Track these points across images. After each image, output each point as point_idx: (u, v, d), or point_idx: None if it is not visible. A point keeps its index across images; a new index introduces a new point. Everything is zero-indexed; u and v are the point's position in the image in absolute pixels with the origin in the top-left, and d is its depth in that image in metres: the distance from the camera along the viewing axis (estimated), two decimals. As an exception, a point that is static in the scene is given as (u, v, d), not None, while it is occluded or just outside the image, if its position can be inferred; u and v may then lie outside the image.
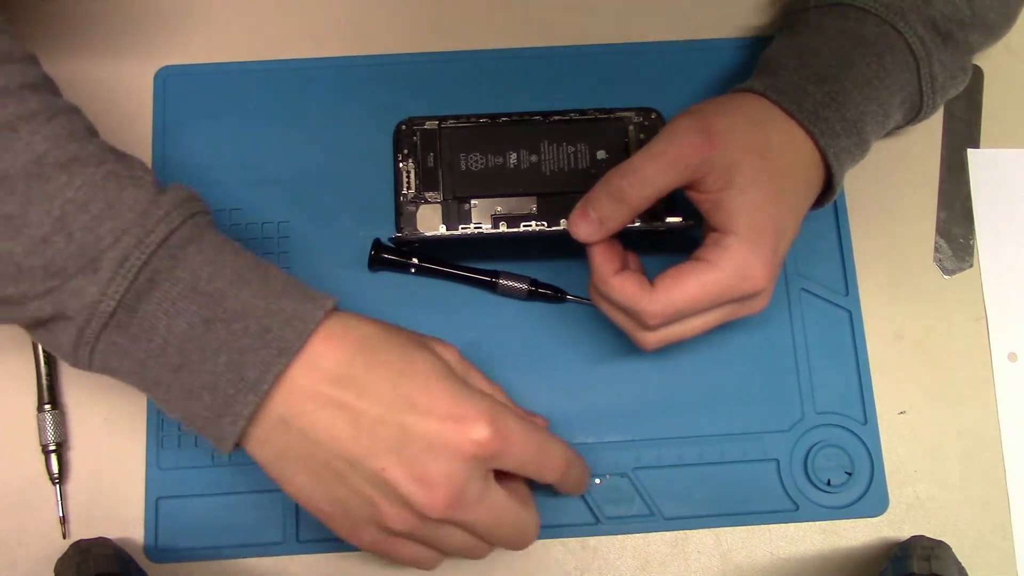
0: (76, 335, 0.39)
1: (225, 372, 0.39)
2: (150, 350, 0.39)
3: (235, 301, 0.39)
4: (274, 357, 0.39)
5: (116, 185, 0.39)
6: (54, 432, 0.51)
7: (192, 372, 0.39)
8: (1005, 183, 0.57)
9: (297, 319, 0.40)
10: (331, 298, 0.41)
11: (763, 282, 0.44)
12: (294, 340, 0.39)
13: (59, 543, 0.51)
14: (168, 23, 0.58)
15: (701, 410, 0.53)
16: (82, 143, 0.39)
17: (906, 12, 0.48)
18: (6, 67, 0.39)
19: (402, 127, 0.54)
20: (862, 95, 0.47)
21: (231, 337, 0.39)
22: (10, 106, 0.38)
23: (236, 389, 0.39)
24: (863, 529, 0.52)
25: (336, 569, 0.51)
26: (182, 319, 0.39)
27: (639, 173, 0.44)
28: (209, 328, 0.39)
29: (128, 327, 0.39)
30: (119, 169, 0.40)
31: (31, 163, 0.38)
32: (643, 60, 0.58)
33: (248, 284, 0.40)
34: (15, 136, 0.38)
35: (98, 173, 0.39)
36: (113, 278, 0.38)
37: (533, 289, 0.53)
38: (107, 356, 0.40)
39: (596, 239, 0.45)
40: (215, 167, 0.55)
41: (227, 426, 0.39)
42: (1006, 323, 0.55)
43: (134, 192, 0.39)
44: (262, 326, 0.39)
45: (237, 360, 0.39)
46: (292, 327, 0.39)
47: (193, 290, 0.39)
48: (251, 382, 0.39)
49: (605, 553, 0.51)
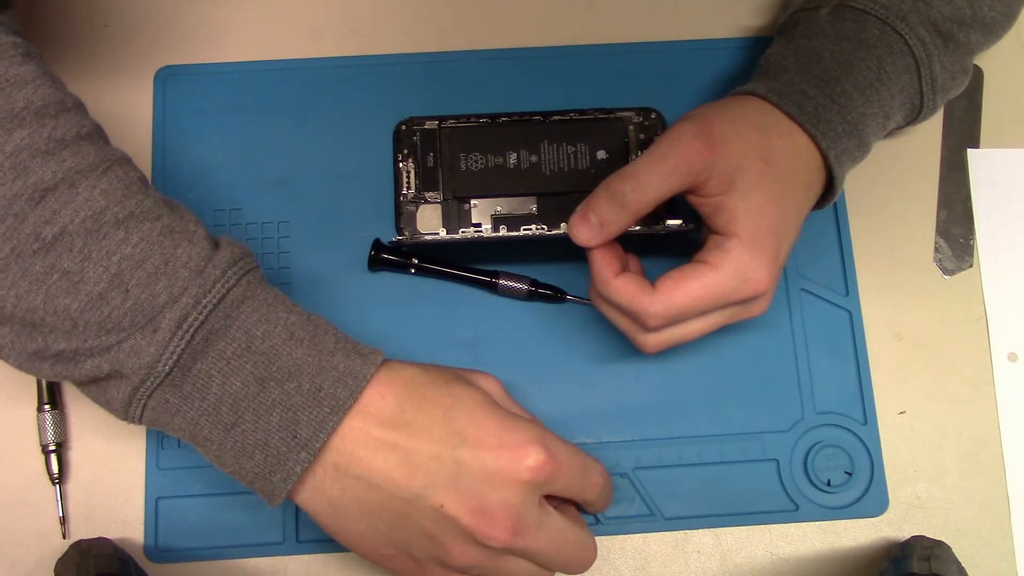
0: (130, 393, 0.39)
1: (278, 431, 0.39)
2: (203, 408, 0.39)
3: (288, 360, 0.40)
4: (327, 415, 0.39)
5: (171, 241, 0.39)
6: (54, 432, 0.51)
7: (245, 430, 0.39)
8: (1005, 183, 0.57)
9: (350, 376, 0.40)
10: (379, 352, 0.42)
11: (764, 285, 0.44)
12: (346, 398, 0.40)
13: (59, 543, 0.51)
14: (168, 23, 0.58)
15: (701, 410, 0.53)
16: (139, 197, 0.40)
17: (907, 14, 0.48)
18: (63, 117, 0.39)
19: (402, 127, 0.54)
20: (863, 97, 0.47)
21: (284, 396, 0.39)
22: (68, 160, 0.38)
23: (289, 447, 0.39)
24: (863, 529, 0.52)
25: (336, 569, 0.51)
26: (236, 378, 0.39)
27: (640, 177, 0.44)
28: (263, 387, 0.39)
29: (182, 385, 0.39)
30: (174, 224, 0.40)
31: (90, 219, 0.38)
32: (643, 60, 0.58)
33: (300, 343, 0.40)
34: (74, 191, 0.38)
35: (155, 229, 0.39)
36: (172, 339, 0.38)
37: (533, 289, 0.53)
38: (158, 413, 0.40)
39: (596, 243, 0.45)
40: (215, 167, 0.55)
41: (279, 483, 0.40)
42: (1006, 323, 0.55)
43: (188, 248, 0.40)
44: (315, 384, 0.40)
45: (290, 419, 0.39)
46: (344, 385, 0.40)
47: (248, 349, 0.40)
48: (304, 440, 0.39)
49: (605, 553, 0.51)
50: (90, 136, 0.40)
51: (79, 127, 0.40)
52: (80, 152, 0.39)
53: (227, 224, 0.55)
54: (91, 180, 0.39)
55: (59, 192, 0.38)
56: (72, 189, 0.38)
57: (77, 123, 0.40)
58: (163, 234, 0.39)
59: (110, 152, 0.41)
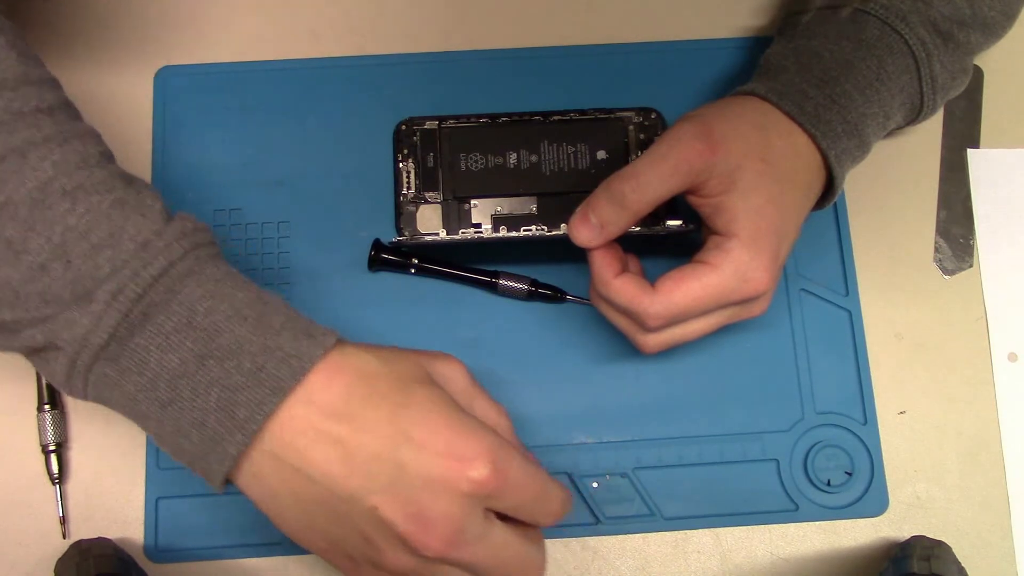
0: (68, 366, 0.38)
1: (215, 410, 0.38)
2: (141, 384, 0.38)
3: (230, 337, 0.38)
4: (266, 396, 0.38)
5: (121, 214, 0.38)
6: (54, 432, 0.51)
7: (182, 408, 0.38)
8: (1005, 183, 0.57)
9: (294, 357, 0.38)
10: (332, 334, 0.40)
11: (764, 285, 0.44)
12: (288, 379, 0.38)
13: (59, 543, 0.51)
14: (168, 23, 0.58)
15: (701, 410, 0.53)
16: (92, 170, 0.39)
17: (907, 14, 0.48)
18: (23, 90, 0.39)
19: (402, 127, 0.54)
20: (863, 97, 0.47)
21: (224, 374, 0.38)
22: (22, 131, 0.38)
23: (226, 428, 0.38)
24: (863, 529, 0.52)
25: (336, 569, 0.51)
26: (175, 354, 0.38)
27: (641, 178, 0.44)
28: (202, 364, 0.38)
29: (119, 360, 0.38)
30: (127, 197, 0.39)
31: (36, 189, 0.37)
32: (643, 60, 0.58)
33: (245, 320, 0.39)
34: (24, 162, 0.37)
35: (104, 201, 0.38)
36: (106, 310, 0.37)
37: (533, 289, 0.53)
38: (99, 387, 0.39)
39: (597, 244, 0.45)
40: (215, 167, 0.55)
41: (215, 464, 0.38)
42: (1006, 323, 0.55)
43: (138, 221, 0.38)
44: (257, 364, 0.38)
45: (229, 399, 0.38)
46: (288, 365, 0.38)
47: (188, 325, 0.38)
48: (241, 421, 0.37)
49: (605, 553, 0.51)
50: (51, 110, 0.39)
51: (39, 100, 0.39)
52: (36, 125, 0.38)
53: (227, 224, 0.55)
54: (42, 152, 0.38)
55: (8, 162, 0.37)
56: (22, 159, 0.37)
57: (38, 96, 0.39)
58: (113, 207, 0.38)
59: (72, 127, 0.40)
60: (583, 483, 0.52)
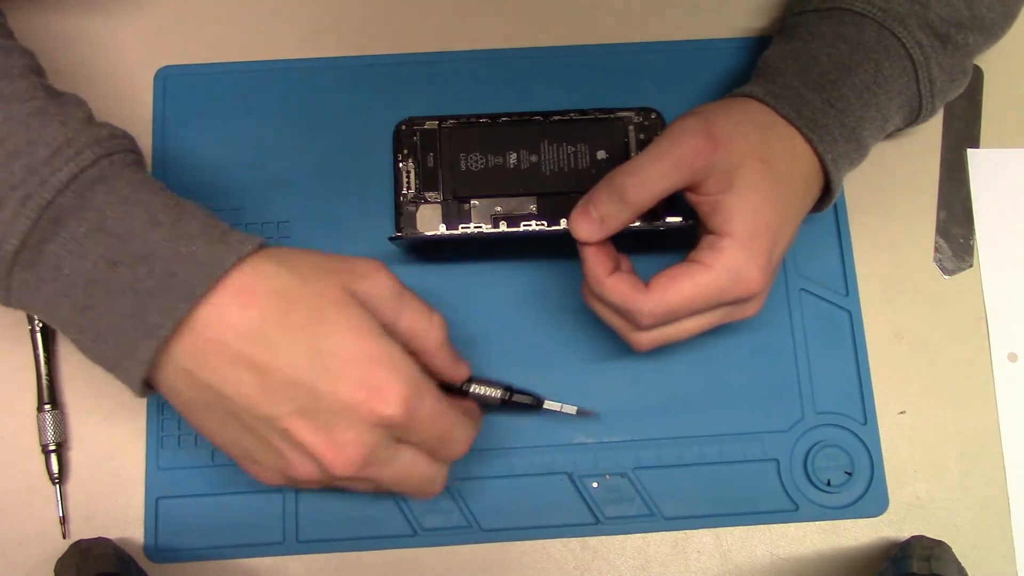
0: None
1: (130, 316, 0.38)
2: (56, 290, 0.38)
3: (141, 243, 0.38)
4: (176, 302, 0.37)
5: (40, 122, 0.38)
6: (54, 432, 0.51)
7: (98, 314, 0.38)
8: (1005, 183, 0.57)
9: (208, 264, 0.38)
10: (251, 241, 0.39)
11: (757, 286, 0.44)
12: (199, 285, 0.37)
13: (59, 543, 0.51)
14: (168, 23, 0.58)
15: (701, 410, 0.53)
16: (13, 80, 0.39)
17: (904, 17, 0.48)
18: None
19: (402, 127, 0.54)
20: (861, 101, 0.47)
21: (135, 280, 0.38)
22: None
23: (139, 334, 0.38)
24: (863, 529, 0.52)
25: (336, 569, 0.51)
26: (87, 260, 0.38)
27: (642, 173, 0.44)
28: (114, 270, 0.38)
29: (36, 266, 0.38)
30: (49, 107, 0.39)
31: None
32: (643, 60, 0.58)
33: (159, 226, 0.39)
34: None
35: (24, 109, 0.38)
36: (16, 217, 0.37)
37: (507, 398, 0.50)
38: (21, 293, 0.39)
39: (597, 238, 0.45)
40: (215, 167, 0.55)
41: (131, 370, 0.38)
42: (1006, 323, 0.55)
43: (56, 130, 0.38)
44: (168, 270, 0.38)
45: (141, 305, 0.38)
46: (199, 272, 0.38)
47: (99, 230, 0.38)
48: (151, 327, 0.38)
49: (605, 553, 0.51)
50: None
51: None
52: None
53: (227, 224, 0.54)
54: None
55: None
56: None
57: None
58: (32, 115, 0.38)
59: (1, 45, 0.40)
60: (583, 483, 0.52)
